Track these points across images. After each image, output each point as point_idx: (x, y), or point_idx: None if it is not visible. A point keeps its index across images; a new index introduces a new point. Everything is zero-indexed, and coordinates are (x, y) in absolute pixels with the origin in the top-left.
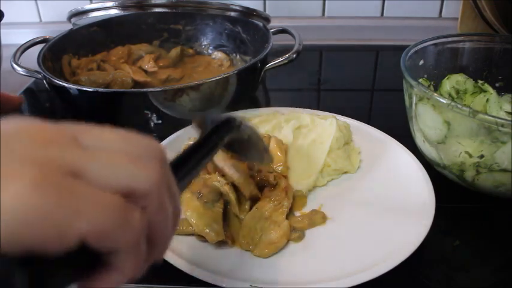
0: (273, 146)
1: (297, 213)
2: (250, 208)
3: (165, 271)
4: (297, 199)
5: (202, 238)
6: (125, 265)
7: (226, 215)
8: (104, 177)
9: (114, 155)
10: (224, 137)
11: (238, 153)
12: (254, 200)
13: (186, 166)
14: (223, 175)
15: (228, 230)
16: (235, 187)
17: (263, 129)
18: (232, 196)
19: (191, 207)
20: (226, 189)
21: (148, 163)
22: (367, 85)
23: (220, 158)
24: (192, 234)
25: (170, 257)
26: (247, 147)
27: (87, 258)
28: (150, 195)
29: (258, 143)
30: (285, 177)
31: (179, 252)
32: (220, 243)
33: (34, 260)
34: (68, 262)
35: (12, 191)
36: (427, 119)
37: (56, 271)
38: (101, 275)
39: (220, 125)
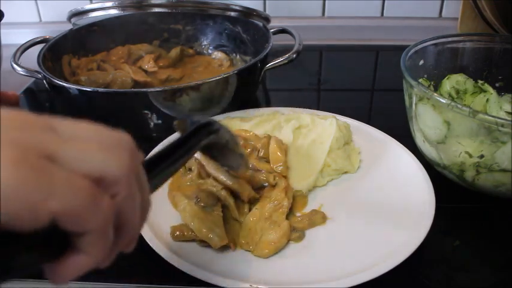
0: (273, 146)
1: (297, 213)
2: (249, 210)
3: (165, 271)
4: (297, 199)
5: (204, 243)
6: (92, 248)
7: (225, 218)
8: (77, 162)
9: (87, 142)
10: (202, 140)
11: (215, 158)
12: (253, 201)
13: (159, 165)
14: (217, 181)
15: (228, 234)
16: (232, 191)
17: (263, 129)
18: (230, 201)
19: (191, 213)
20: (224, 194)
21: (119, 153)
22: (367, 85)
23: (212, 166)
24: (193, 240)
25: (170, 257)
26: (224, 152)
27: (57, 240)
28: (119, 183)
29: (235, 148)
30: (285, 177)
31: (179, 253)
32: (222, 246)
33: (6, 236)
34: (37, 242)
35: None
36: (427, 119)
37: (25, 249)
38: (69, 258)
39: (199, 127)
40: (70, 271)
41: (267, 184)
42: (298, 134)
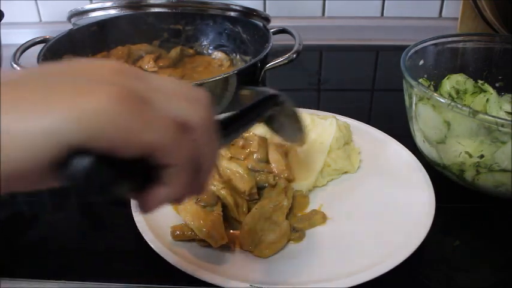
0: (272, 153)
1: (298, 214)
2: (249, 210)
3: (165, 271)
4: (298, 199)
5: (204, 243)
6: (174, 181)
7: (225, 218)
8: (165, 107)
9: (173, 92)
10: (268, 109)
11: (276, 130)
12: (252, 201)
13: (230, 125)
14: (219, 175)
15: (228, 233)
16: (231, 190)
17: (263, 129)
18: (229, 200)
19: (191, 213)
20: (224, 193)
21: (199, 106)
22: (367, 85)
23: (221, 156)
24: (193, 240)
25: (170, 257)
26: (285, 124)
27: (145, 173)
28: (199, 130)
29: (297, 123)
30: (291, 181)
31: (179, 253)
32: (222, 246)
33: (106, 161)
34: (129, 171)
35: (99, 99)
36: (427, 119)
37: (120, 175)
38: (154, 189)
39: (266, 98)
40: (155, 200)
41: (266, 184)
42: None
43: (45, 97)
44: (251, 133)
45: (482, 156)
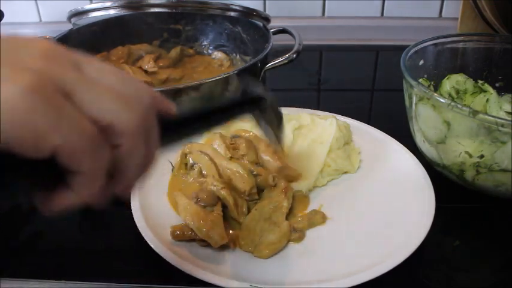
0: (263, 154)
1: (298, 214)
2: (248, 210)
3: (165, 271)
4: (299, 199)
5: (204, 243)
6: (81, 188)
7: (225, 218)
8: (90, 105)
9: (107, 88)
10: (244, 112)
11: (258, 124)
12: (253, 201)
13: (194, 122)
14: (219, 175)
15: (228, 233)
16: (231, 191)
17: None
18: (229, 200)
19: (191, 213)
20: (223, 193)
21: (134, 107)
22: (367, 85)
23: (221, 157)
24: (193, 240)
25: (170, 257)
26: (265, 125)
27: (52, 173)
28: (124, 136)
29: (276, 129)
30: (294, 179)
31: (179, 253)
32: (222, 246)
33: (8, 159)
34: (35, 170)
35: (5, 92)
36: (427, 119)
37: (22, 175)
38: (59, 192)
39: (247, 101)
40: (58, 204)
41: (266, 185)
42: (298, 134)
43: None
44: (251, 133)
45: (482, 156)
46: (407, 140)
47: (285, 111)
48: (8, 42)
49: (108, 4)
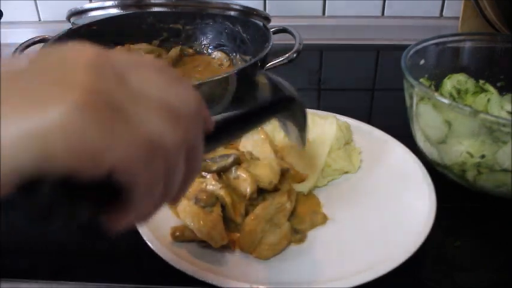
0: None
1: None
2: (246, 212)
3: (165, 271)
4: (310, 199)
5: (204, 243)
6: (139, 203)
7: (224, 218)
8: (141, 121)
9: (156, 102)
10: (276, 114)
11: (280, 123)
12: (253, 202)
13: (230, 127)
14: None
15: (228, 234)
16: (230, 190)
17: (264, 129)
18: (227, 200)
19: (191, 214)
20: (222, 193)
21: (179, 124)
22: (367, 85)
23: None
24: (193, 240)
25: (170, 257)
26: (289, 125)
27: (109, 193)
28: (173, 150)
29: (301, 130)
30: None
31: (179, 253)
32: (222, 247)
33: (65, 184)
34: (93, 192)
35: (58, 111)
36: (427, 118)
37: (80, 198)
38: (117, 210)
39: (279, 101)
40: (119, 223)
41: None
42: None
43: None
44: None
45: (483, 156)
46: (408, 140)
47: None
48: (48, 56)
49: (107, 3)
